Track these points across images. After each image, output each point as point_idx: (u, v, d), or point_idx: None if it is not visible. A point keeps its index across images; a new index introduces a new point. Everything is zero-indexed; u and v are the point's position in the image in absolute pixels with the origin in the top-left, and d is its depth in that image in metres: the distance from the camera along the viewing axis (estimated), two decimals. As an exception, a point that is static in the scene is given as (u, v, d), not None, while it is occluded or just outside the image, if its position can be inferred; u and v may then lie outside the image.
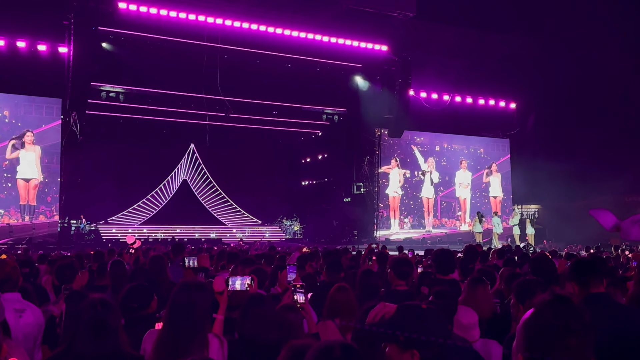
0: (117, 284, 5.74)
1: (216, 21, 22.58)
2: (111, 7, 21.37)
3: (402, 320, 2.30)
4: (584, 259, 4.38)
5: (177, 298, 3.54)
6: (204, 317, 3.56)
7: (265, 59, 24.46)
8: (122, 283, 5.62)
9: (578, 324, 1.88)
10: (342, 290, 4.80)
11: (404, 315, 2.34)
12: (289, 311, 4.04)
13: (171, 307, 3.53)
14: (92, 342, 3.16)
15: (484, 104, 29.65)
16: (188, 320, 3.46)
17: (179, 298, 3.53)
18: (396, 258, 6.59)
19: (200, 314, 3.52)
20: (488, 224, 28.09)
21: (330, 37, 24.61)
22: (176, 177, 29.48)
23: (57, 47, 21.89)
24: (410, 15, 25.10)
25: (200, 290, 3.60)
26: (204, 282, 3.95)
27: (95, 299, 3.31)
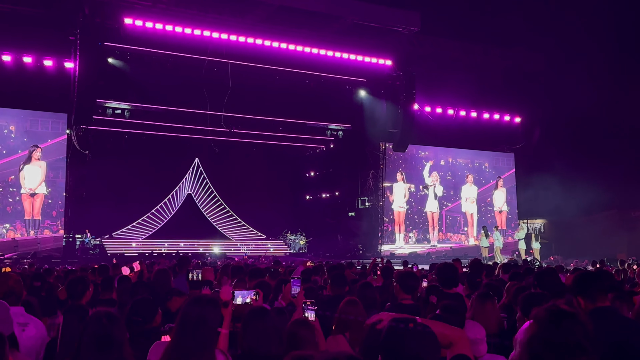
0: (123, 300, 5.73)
1: (221, 36, 22.67)
2: (117, 23, 21.52)
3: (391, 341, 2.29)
4: (589, 272, 4.35)
5: (187, 312, 3.53)
6: (213, 331, 3.56)
7: (270, 74, 24.56)
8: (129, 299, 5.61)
9: (588, 342, 1.85)
10: (352, 304, 4.78)
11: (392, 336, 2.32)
12: (301, 326, 4.01)
13: (181, 321, 3.52)
14: (97, 356, 3.15)
15: (489, 118, 29.63)
16: (198, 334, 3.45)
17: (190, 312, 3.52)
18: (402, 272, 6.58)
19: (210, 328, 3.52)
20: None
21: (334, 52, 24.68)
22: (181, 192, 29.50)
23: (63, 63, 22.03)
24: (415, 30, 25.21)
25: (211, 305, 3.60)
26: (214, 297, 3.94)
27: (101, 312, 3.30)
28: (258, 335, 3.78)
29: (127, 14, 21.35)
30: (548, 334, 1.88)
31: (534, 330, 1.92)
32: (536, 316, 1.97)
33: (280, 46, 23.71)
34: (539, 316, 1.96)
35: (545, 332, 1.89)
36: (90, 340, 3.19)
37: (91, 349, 3.17)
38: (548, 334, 1.88)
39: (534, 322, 1.95)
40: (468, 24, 28.15)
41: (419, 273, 10.15)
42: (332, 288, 6.58)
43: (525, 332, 1.96)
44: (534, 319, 1.97)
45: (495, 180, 30.83)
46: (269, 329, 3.84)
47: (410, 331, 2.30)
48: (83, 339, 3.23)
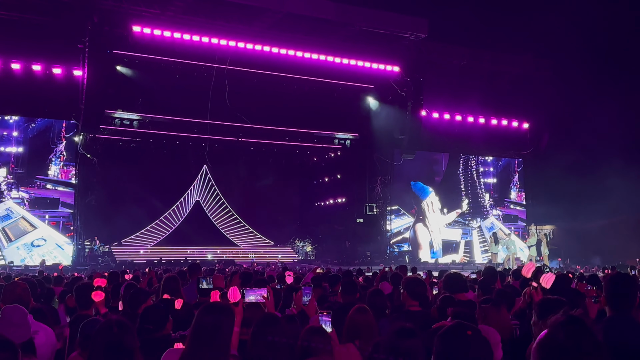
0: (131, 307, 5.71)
1: (229, 44, 22.68)
2: (125, 31, 21.59)
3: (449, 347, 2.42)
4: (622, 275, 4.31)
5: (202, 320, 3.50)
6: (228, 339, 3.52)
7: (277, 81, 24.59)
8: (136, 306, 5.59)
9: (590, 345, 1.85)
10: (361, 312, 4.74)
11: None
12: (315, 334, 3.98)
13: (195, 329, 3.48)
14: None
15: (497, 124, 29.53)
16: (213, 342, 3.43)
17: (204, 320, 3.49)
18: (409, 278, 6.53)
19: (225, 336, 3.49)
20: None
21: (342, 59, 24.68)
22: (189, 199, 29.56)
23: (72, 70, 22.15)
24: (422, 36, 25.19)
25: (225, 313, 3.58)
26: (228, 305, 3.92)
27: (112, 320, 3.28)
28: (267, 344, 3.74)
29: (136, 22, 21.43)
30: (557, 342, 1.89)
31: (548, 339, 1.94)
32: (551, 324, 1.98)
33: (287, 53, 23.72)
34: (552, 325, 1.97)
35: (554, 341, 1.90)
36: (101, 348, 3.17)
37: (101, 357, 3.15)
38: (557, 342, 1.89)
39: (549, 331, 1.96)
40: (476, 31, 28.12)
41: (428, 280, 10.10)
42: (342, 296, 6.54)
43: (540, 341, 1.97)
44: (549, 327, 1.98)
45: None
46: (279, 337, 3.80)
47: (469, 338, 2.43)
48: (94, 347, 3.21)
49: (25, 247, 21.98)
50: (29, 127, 22.95)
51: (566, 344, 1.87)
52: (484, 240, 29.54)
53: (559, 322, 1.95)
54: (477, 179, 30.62)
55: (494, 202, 30.82)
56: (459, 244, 29.58)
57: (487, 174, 31.02)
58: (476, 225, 30.10)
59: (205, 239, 28.18)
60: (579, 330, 1.89)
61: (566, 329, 1.91)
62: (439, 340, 2.46)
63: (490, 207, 30.66)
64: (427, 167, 29.79)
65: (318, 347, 3.87)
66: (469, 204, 30.19)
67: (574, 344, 1.86)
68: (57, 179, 22.90)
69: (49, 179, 22.79)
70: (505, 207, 31.03)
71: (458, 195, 30.04)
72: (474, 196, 30.40)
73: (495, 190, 31.00)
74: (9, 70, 21.44)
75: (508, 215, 30.97)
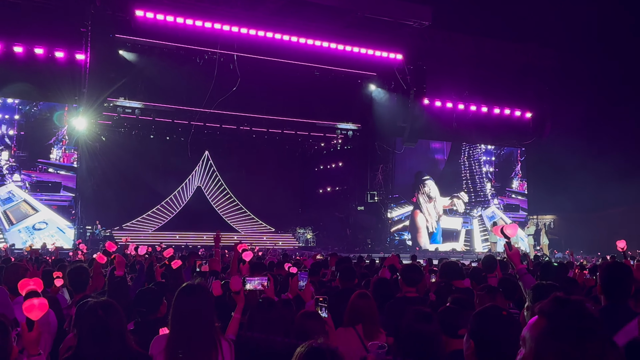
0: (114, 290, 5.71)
1: (232, 29, 22.63)
2: (128, 15, 21.55)
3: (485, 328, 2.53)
4: (616, 265, 4.29)
5: (178, 304, 3.52)
6: (207, 319, 3.52)
7: (281, 67, 24.51)
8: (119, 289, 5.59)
9: (598, 326, 1.82)
10: (363, 297, 4.76)
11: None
12: (310, 318, 4.00)
13: (174, 314, 3.52)
14: (94, 346, 3.12)
15: (500, 113, 29.42)
16: (191, 323, 3.44)
17: (180, 304, 3.52)
18: (406, 265, 6.56)
19: (203, 316, 3.49)
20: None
21: (345, 45, 24.61)
22: (190, 184, 29.57)
23: (75, 54, 22.08)
24: (426, 24, 25.06)
25: (199, 293, 3.58)
26: (203, 285, 3.91)
27: (97, 302, 3.27)
28: (263, 328, 3.77)
29: (138, 6, 21.36)
30: (559, 323, 1.84)
31: (544, 323, 1.88)
32: (541, 309, 1.93)
33: (290, 39, 23.67)
34: (544, 308, 1.91)
35: (555, 323, 1.85)
36: (87, 331, 3.17)
37: (89, 340, 3.15)
38: (559, 323, 1.84)
39: (541, 315, 1.91)
40: (480, 19, 27.94)
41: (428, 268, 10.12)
42: (341, 281, 6.58)
43: (534, 327, 1.91)
44: (540, 312, 1.93)
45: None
46: (274, 321, 3.82)
47: (504, 319, 2.57)
48: (80, 330, 3.21)
49: (27, 230, 22.05)
50: (31, 111, 22.94)
51: (565, 324, 1.83)
52: (485, 229, 29.56)
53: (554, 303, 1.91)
54: (479, 168, 30.59)
55: (496, 191, 30.81)
56: (460, 233, 29.61)
57: (489, 163, 30.99)
58: (477, 214, 30.11)
59: (207, 225, 28.19)
60: (576, 308, 1.86)
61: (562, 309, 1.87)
62: (476, 319, 2.56)
63: (492, 196, 30.65)
64: (429, 155, 29.78)
65: (313, 331, 3.89)
66: (469, 194, 30.15)
67: (573, 322, 1.83)
68: (59, 163, 22.92)
69: (50, 163, 22.81)
70: (506, 197, 31.02)
71: (459, 184, 30.03)
72: (475, 185, 30.37)
73: (497, 179, 30.98)
74: (11, 54, 21.36)
75: (509, 204, 30.96)
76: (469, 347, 2.51)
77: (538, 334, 1.87)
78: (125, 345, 3.20)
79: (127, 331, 3.28)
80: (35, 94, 22.29)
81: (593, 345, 1.79)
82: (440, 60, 27.12)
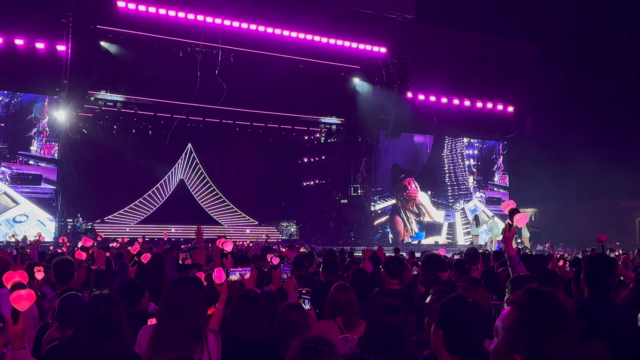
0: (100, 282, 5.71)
1: (215, 21, 22.52)
2: (110, 6, 21.34)
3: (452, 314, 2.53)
4: (601, 257, 4.35)
5: (170, 294, 3.53)
6: (198, 312, 3.54)
7: (264, 60, 24.43)
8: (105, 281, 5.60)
9: (570, 317, 1.86)
10: (343, 289, 4.78)
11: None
12: (292, 310, 4.02)
13: (165, 302, 3.53)
14: (95, 338, 3.15)
15: (482, 106, 29.55)
16: (181, 314, 3.45)
17: (173, 294, 3.52)
18: (389, 258, 6.60)
19: (195, 309, 3.51)
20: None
21: (329, 38, 24.60)
22: (173, 177, 29.42)
23: (56, 45, 21.82)
24: (410, 17, 25.10)
25: (194, 285, 3.59)
26: (198, 278, 3.94)
27: (100, 295, 3.29)
28: (247, 320, 3.78)
29: (120, -3, 21.20)
30: (529, 315, 1.88)
31: (515, 314, 1.92)
32: (514, 300, 1.96)
33: (274, 32, 23.61)
34: (517, 300, 1.95)
35: (526, 314, 1.89)
36: (89, 323, 3.19)
37: (90, 332, 3.16)
38: (529, 315, 1.88)
39: (513, 306, 1.94)
40: (463, 12, 28.08)
41: (411, 260, 10.20)
42: (324, 274, 6.60)
43: (506, 317, 1.95)
44: (512, 303, 1.96)
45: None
46: (258, 313, 3.83)
47: (470, 306, 2.56)
48: (81, 322, 3.23)
49: (7, 223, 21.83)
50: (11, 103, 22.65)
51: (536, 315, 1.86)
52: (467, 222, 29.75)
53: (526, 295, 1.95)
54: (462, 161, 30.77)
55: (478, 184, 31.02)
56: (442, 226, 29.79)
57: (471, 156, 31.17)
58: (459, 208, 30.30)
59: (189, 218, 28.07)
60: (547, 300, 1.89)
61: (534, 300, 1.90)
62: (443, 309, 2.56)
63: (474, 189, 30.86)
64: (412, 149, 29.89)
65: (296, 323, 3.91)
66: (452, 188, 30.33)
67: (544, 313, 1.86)
68: (39, 155, 22.67)
69: (31, 155, 22.56)
70: (488, 190, 31.24)
71: (442, 177, 30.19)
72: (457, 178, 30.55)
73: (479, 172, 31.19)
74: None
75: (491, 197, 31.19)
76: (437, 337, 2.53)
77: (509, 325, 1.91)
78: (121, 342, 3.21)
79: (126, 327, 3.28)
80: (15, 85, 22.02)
81: (562, 337, 1.83)
82: (423, 53, 27.19)
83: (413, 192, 29.11)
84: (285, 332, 3.83)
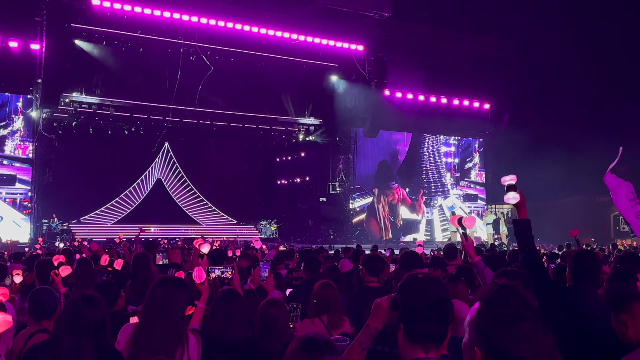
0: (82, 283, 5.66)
1: (191, 19, 22.37)
2: (84, 4, 21.10)
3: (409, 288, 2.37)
4: (587, 252, 4.43)
5: (154, 293, 3.52)
6: (180, 312, 3.54)
7: (241, 58, 24.40)
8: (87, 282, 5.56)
9: (527, 310, 1.91)
10: (327, 287, 4.79)
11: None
12: (273, 306, 4.02)
13: (147, 302, 3.52)
14: (72, 336, 3.14)
15: (459, 104, 29.75)
16: (164, 315, 3.44)
17: (156, 293, 3.51)
18: (368, 255, 6.63)
19: (177, 309, 3.50)
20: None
21: (306, 37, 24.58)
22: (150, 176, 29.18)
23: (29, 44, 21.53)
24: (386, 15, 25.18)
25: (178, 286, 3.58)
26: (182, 278, 3.92)
27: (80, 294, 3.31)
28: (226, 319, 3.77)
29: (95, -6, 20.96)
30: (489, 308, 1.95)
31: (479, 308, 2.00)
32: (479, 294, 2.04)
33: (251, 29, 23.52)
34: (481, 294, 2.04)
35: (486, 308, 1.96)
36: (63, 321, 3.21)
37: (66, 331, 3.17)
38: (489, 308, 1.95)
39: (480, 301, 2.02)
40: (439, 10, 28.25)
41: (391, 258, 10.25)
42: (306, 272, 6.60)
43: (473, 312, 2.02)
44: (478, 298, 2.04)
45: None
46: (237, 312, 3.83)
47: (424, 278, 2.39)
48: (59, 321, 3.27)
49: (-19, 225, 21.51)
50: (-17, 102, 22.32)
51: (494, 308, 1.93)
52: (445, 219, 29.95)
53: (487, 290, 2.02)
54: (439, 158, 30.96)
55: (455, 181, 31.24)
56: (420, 223, 29.96)
57: (448, 153, 31.38)
58: (437, 205, 30.50)
59: (167, 217, 27.90)
60: (515, 296, 1.95)
61: (494, 295, 1.97)
62: (399, 290, 2.39)
63: (452, 186, 31.08)
64: (390, 146, 30.00)
65: (277, 318, 3.92)
66: (428, 185, 30.53)
67: (502, 306, 1.93)
68: (13, 155, 22.35)
69: (5, 155, 22.23)
70: (465, 186, 31.48)
71: (420, 174, 30.34)
72: (435, 175, 30.74)
73: (457, 169, 31.42)
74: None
75: (468, 194, 31.44)
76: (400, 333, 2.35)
77: (473, 318, 1.98)
78: (99, 341, 3.20)
79: (105, 327, 3.27)
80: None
81: (518, 328, 1.89)
82: (400, 51, 27.31)
83: (396, 199, 29.23)
84: (266, 328, 3.84)
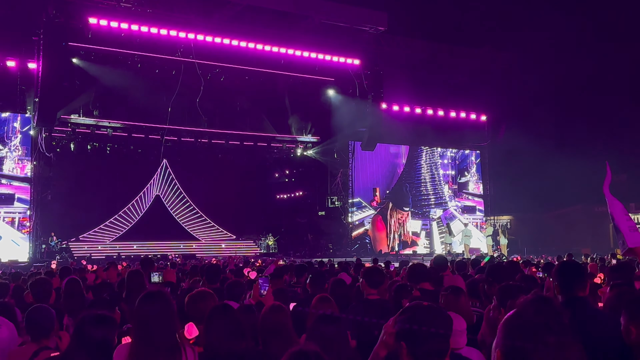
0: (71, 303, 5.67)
1: (188, 36, 22.46)
2: (81, 23, 21.21)
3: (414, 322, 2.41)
4: (569, 263, 4.43)
5: (139, 311, 3.50)
6: (168, 325, 3.48)
7: (238, 74, 24.54)
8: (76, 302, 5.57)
9: (556, 323, 1.92)
10: (325, 302, 4.79)
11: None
12: (277, 312, 4.03)
13: (136, 320, 3.52)
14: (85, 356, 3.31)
15: (455, 116, 29.83)
16: (151, 330, 3.41)
17: (141, 310, 3.49)
18: (368, 268, 6.63)
19: (162, 323, 3.45)
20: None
21: (302, 52, 24.67)
22: (149, 193, 29.14)
23: (27, 63, 21.62)
24: (382, 29, 25.37)
25: (159, 300, 3.55)
26: (162, 291, 3.88)
27: (90, 314, 3.44)
28: (220, 332, 3.75)
29: (92, 13, 21.04)
30: (520, 313, 1.96)
31: (514, 315, 2.01)
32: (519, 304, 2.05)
33: (248, 46, 23.61)
34: (518, 303, 2.05)
35: (518, 312, 1.98)
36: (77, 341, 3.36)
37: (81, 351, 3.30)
38: (520, 313, 1.96)
39: (516, 309, 2.04)
40: (435, 24, 28.45)
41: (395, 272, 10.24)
42: (311, 287, 6.59)
43: (504, 322, 2.04)
44: (517, 306, 2.05)
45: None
46: (231, 325, 3.80)
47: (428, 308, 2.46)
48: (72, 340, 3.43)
49: (-20, 244, 21.45)
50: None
51: (534, 320, 1.93)
52: (443, 232, 29.93)
53: (529, 300, 2.02)
54: (437, 170, 30.99)
55: (453, 193, 31.25)
56: (420, 235, 29.94)
57: (446, 165, 31.41)
58: (436, 217, 30.49)
59: (166, 234, 27.84)
60: (548, 307, 1.96)
61: (535, 306, 1.97)
62: (402, 315, 2.47)
63: (450, 198, 31.08)
64: (388, 159, 30.04)
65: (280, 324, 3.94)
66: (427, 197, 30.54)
67: (542, 320, 1.93)
68: (11, 174, 22.34)
69: (3, 174, 22.22)
70: (464, 198, 31.49)
71: (418, 187, 30.36)
72: (433, 187, 30.75)
73: (454, 181, 31.44)
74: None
75: (467, 206, 31.43)
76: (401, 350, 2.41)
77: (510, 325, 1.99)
78: None
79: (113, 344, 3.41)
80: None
81: (545, 341, 1.89)
82: (396, 65, 27.46)
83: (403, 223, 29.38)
84: (270, 334, 3.85)
